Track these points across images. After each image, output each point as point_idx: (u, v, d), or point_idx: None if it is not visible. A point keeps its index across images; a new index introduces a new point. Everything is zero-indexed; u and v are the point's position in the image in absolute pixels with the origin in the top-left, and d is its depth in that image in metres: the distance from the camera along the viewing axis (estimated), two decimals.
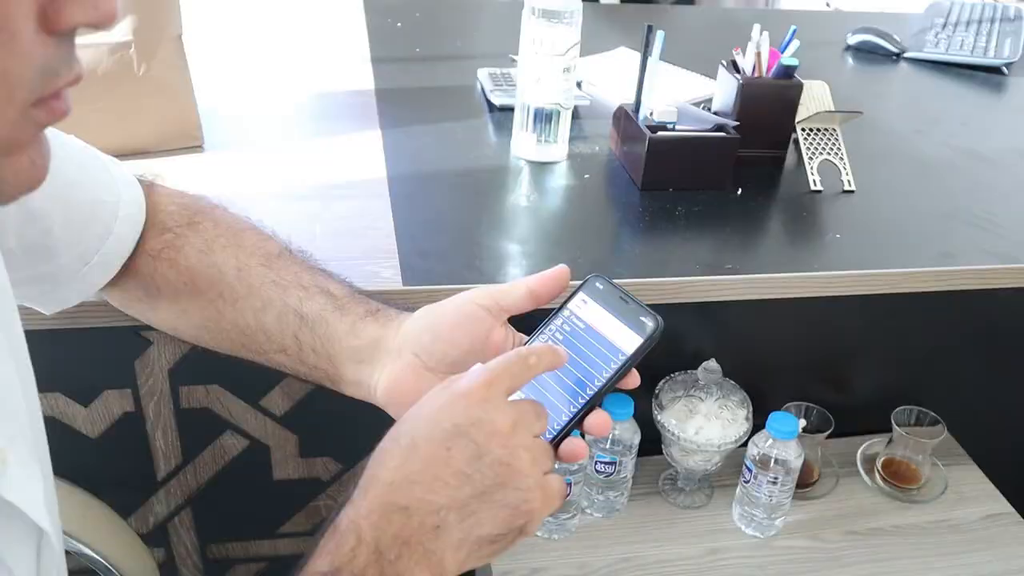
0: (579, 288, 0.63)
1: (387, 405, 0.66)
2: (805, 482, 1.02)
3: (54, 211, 0.61)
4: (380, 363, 0.66)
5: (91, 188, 0.64)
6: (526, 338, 0.64)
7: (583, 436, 0.60)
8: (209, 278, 0.69)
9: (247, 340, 0.69)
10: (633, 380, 0.61)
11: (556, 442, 0.59)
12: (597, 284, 0.63)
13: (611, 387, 0.60)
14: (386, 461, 0.53)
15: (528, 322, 0.63)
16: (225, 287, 0.69)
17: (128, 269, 0.69)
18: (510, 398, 0.55)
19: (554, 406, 0.60)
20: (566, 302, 0.63)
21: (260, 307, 0.68)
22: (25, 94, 0.36)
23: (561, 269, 0.65)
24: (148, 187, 0.71)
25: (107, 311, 0.73)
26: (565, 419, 0.59)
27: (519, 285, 0.65)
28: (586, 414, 0.59)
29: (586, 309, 0.62)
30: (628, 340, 0.60)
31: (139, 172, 0.71)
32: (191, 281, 0.69)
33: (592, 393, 0.60)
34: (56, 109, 0.38)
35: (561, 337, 0.62)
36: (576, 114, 1.14)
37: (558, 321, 0.62)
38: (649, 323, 0.60)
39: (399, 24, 1.50)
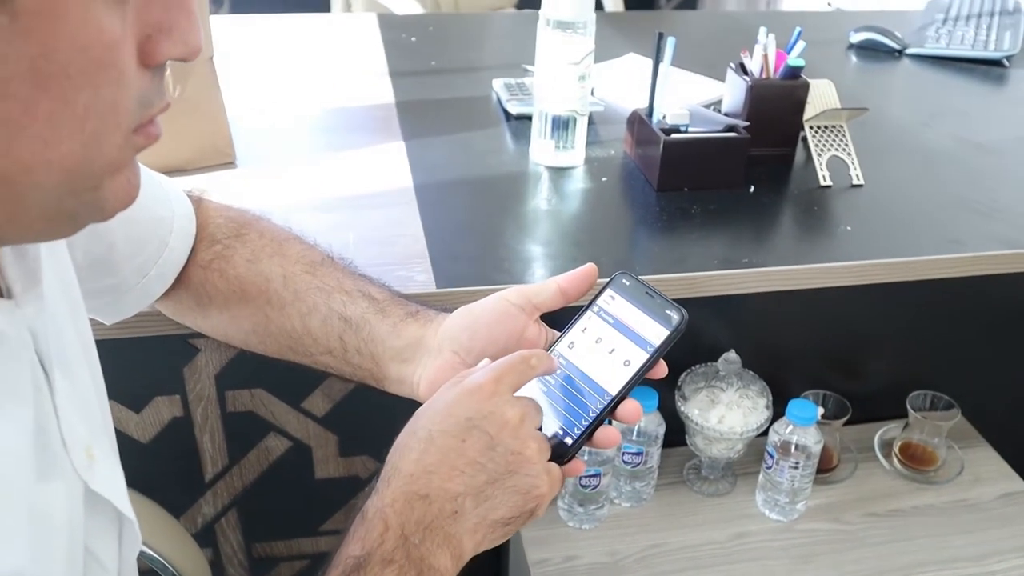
0: (607, 285, 0.67)
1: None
2: (825, 467, 1.05)
3: (118, 227, 0.66)
4: (421, 361, 0.70)
5: (149, 205, 0.69)
6: (558, 334, 0.68)
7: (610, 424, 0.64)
8: (257, 286, 0.73)
9: (294, 343, 0.74)
10: (661, 370, 0.65)
11: (590, 431, 0.63)
12: (624, 280, 0.67)
13: (640, 378, 0.64)
14: (406, 453, 0.57)
15: (560, 318, 0.67)
16: (272, 294, 0.73)
17: (180, 280, 0.74)
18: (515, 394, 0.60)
19: (588, 396, 0.64)
20: (595, 298, 0.67)
21: (306, 312, 0.72)
22: (128, 122, 0.40)
23: (589, 267, 0.69)
24: (197, 202, 0.75)
25: (157, 321, 0.78)
26: (599, 408, 0.63)
27: (550, 284, 0.69)
28: (618, 404, 0.63)
29: (614, 304, 0.66)
30: (655, 332, 0.64)
31: (186, 188, 0.75)
32: (240, 289, 0.73)
33: (623, 384, 0.64)
34: (151, 134, 0.42)
35: (592, 332, 0.66)
36: (591, 120, 1.18)
37: (588, 316, 0.67)
38: (674, 316, 0.64)
39: (413, 39, 1.54)
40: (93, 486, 0.50)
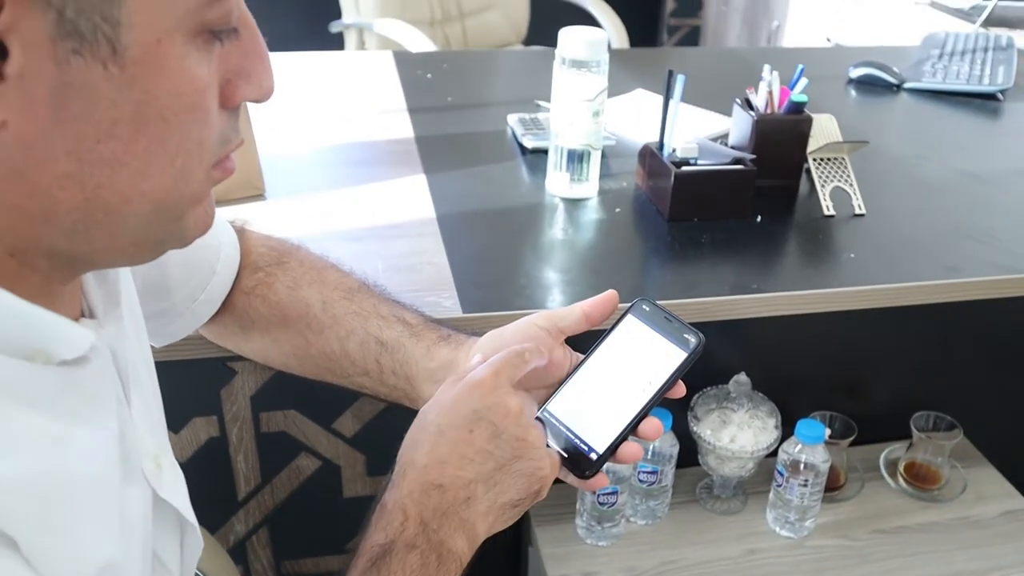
0: (628, 310, 0.72)
1: None
2: (833, 486, 1.09)
3: (173, 254, 0.71)
4: None
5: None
6: (581, 356, 0.72)
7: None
8: (297, 311, 0.78)
9: (332, 365, 0.78)
10: (679, 390, 0.69)
11: (614, 446, 0.68)
12: (644, 306, 0.71)
13: (661, 397, 0.68)
14: (418, 447, 0.62)
15: (583, 341, 0.71)
16: (312, 319, 0.78)
17: (224, 305, 0.78)
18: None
19: (612, 414, 0.68)
20: (617, 323, 0.72)
21: (344, 335, 0.77)
22: (210, 158, 0.45)
23: (611, 293, 0.74)
24: (240, 231, 0.80)
25: (197, 344, 0.82)
26: (622, 426, 0.68)
27: (575, 308, 0.73)
28: (639, 421, 0.68)
29: (635, 328, 0.71)
30: (674, 354, 0.69)
31: (228, 218, 0.80)
32: (281, 314, 0.78)
33: (644, 402, 0.68)
34: (227, 168, 0.48)
35: (614, 353, 0.71)
36: (603, 153, 1.23)
37: (611, 339, 0.71)
38: (692, 339, 0.69)
39: (429, 75, 1.60)
40: (161, 493, 0.55)
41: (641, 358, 0.70)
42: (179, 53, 0.41)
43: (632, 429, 0.68)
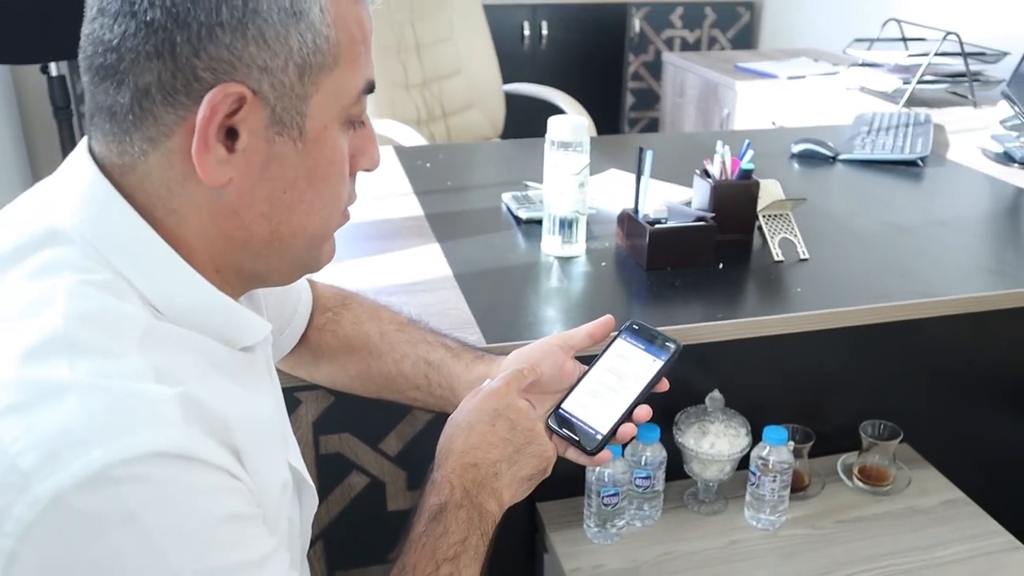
0: (622, 329, 0.93)
1: None
2: (798, 487, 1.29)
3: (270, 296, 0.91)
4: None
5: None
6: (585, 367, 0.93)
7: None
8: (360, 341, 0.98)
9: (390, 383, 0.98)
10: (663, 385, 0.90)
11: (615, 428, 0.88)
12: (634, 326, 0.93)
13: (650, 390, 0.89)
14: (454, 439, 0.82)
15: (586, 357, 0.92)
16: (372, 347, 0.98)
17: (300, 339, 0.98)
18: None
19: (613, 403, 0.89)
20: (613, 340, 0.93)
21: (399, 359, 0.97)
22: (341, 208, 0.67)
23: (608, 317, 0.95)
24: (309, 281, 1.01)
25: None
26: (620, 412, 0.88)
27: (581, 329, 0.95)
28: (633, 409, 0.88)
29: (628, 341, 0.92)
30: (660, 357, 0.90)
31: None
32: (347, 345, 0.98)
33: (637, 394, 0.89)
34: (347, 215, 0.69)
35: (614, 360, 0.92)
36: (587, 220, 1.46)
37: (610, 351, 0.92)
38: (672, 345, 0.90)
39: (428, 164, 1.84)
40: (290, 460, 0.74)
41: (633, 363, 0.91)
42: (334, 135, 0.63)
43: (628, 415, 0.88)
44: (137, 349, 0.55)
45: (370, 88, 0.65)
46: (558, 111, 2.85)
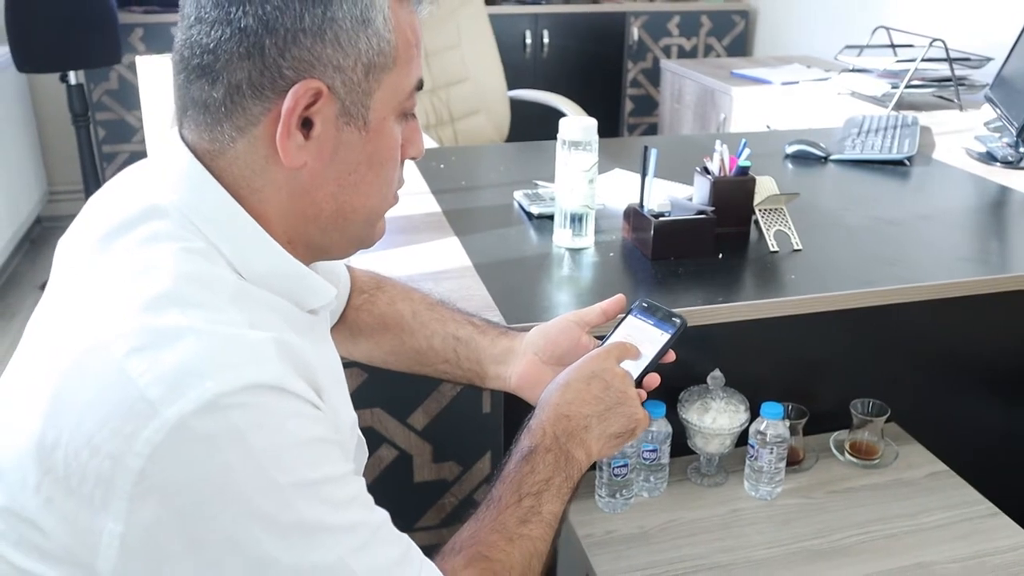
0: (632, 307, 1.03)
1: (518, 389, 1.05)
2: (793, 461, 1.38)
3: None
4: (512, 363, 1.05)
5: (332, 265, 1.04)
6: (599, 341, 1.03)
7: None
8: (394, 319, 1.08)
9: (421, 357, 1.08)
10: (670, 357, 1.00)
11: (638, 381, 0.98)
12: (643, 304, 1.03)
13: (659, 359, 0.99)
14: (552, 394, 0.92)
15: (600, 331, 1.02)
16: (405, 325, 1.08)
17: (339, 318, 1.08)
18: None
19: (627, 368, 0.99)
20: (625, 315, 1.03)
21: (429, 335, 1.07)
22: (394, 190, 0.77)
23: (620, 296, 1.05)
24: (347, 266, 1.10)
25: None
26: (636, 375, 0.98)
27: (595, 307, 1.05)
28: (644, 376, 0.98)
29: (638, 317, 1.02)
30: (667, 330, 1.00)
31: None
32: (382, 323, 1.08)
33: (648, 361, 0.99)
34: (397, 198, 0.79)
35: (627, 333, 1.02)
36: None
37: (622, 327, 1.02)
38: (678, 320, 1.00)
39: (442, 166, 1.94)
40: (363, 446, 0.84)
41: (643, 336, 1.01)
42: (391, 125, 0.73)
43: (640, 380, 0.98)
44: (230, 304, 0.64)
45: (420, 85, 0.75)
46: (561, 116, 2.96)
